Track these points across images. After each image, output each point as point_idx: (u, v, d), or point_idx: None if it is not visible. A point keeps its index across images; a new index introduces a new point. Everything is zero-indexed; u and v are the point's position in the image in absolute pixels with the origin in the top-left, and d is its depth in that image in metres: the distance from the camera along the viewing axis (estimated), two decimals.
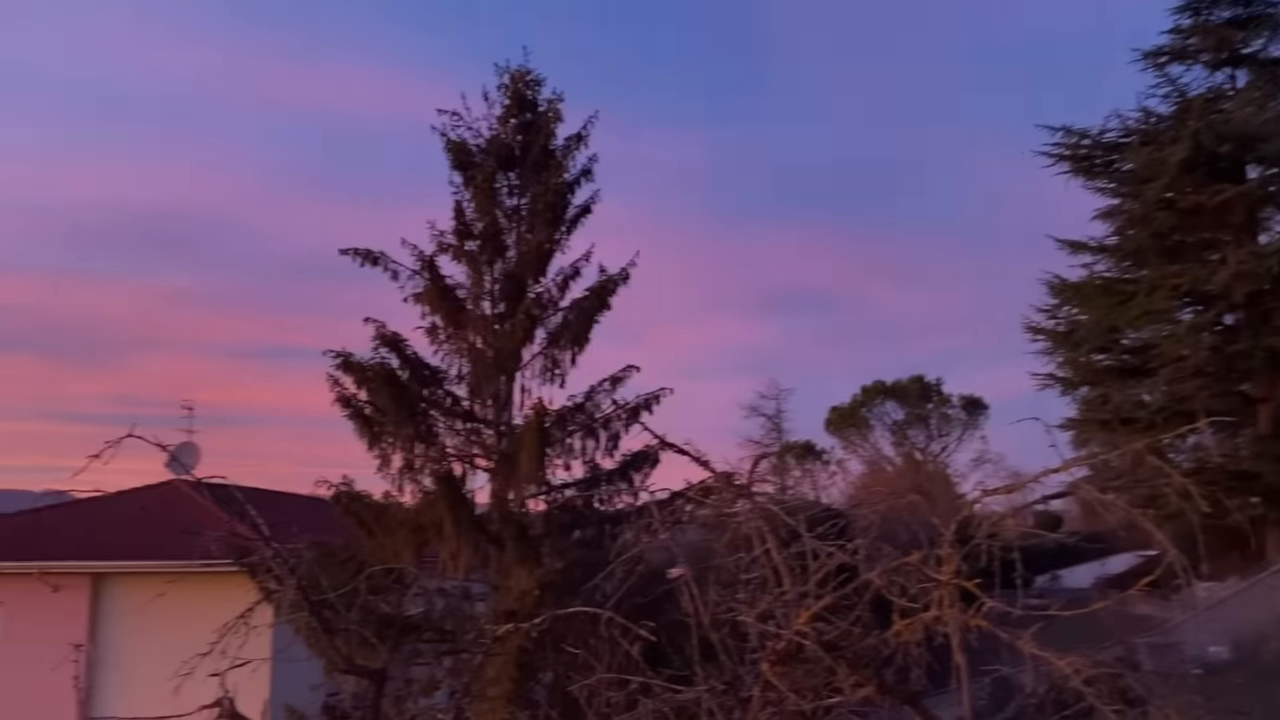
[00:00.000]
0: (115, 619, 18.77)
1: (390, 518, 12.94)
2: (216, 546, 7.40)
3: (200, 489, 5.84)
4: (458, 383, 13.81)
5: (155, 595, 7.97)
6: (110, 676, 18.45)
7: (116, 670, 18.48)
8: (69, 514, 21.33)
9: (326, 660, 9.57)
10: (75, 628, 18.53)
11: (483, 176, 13.59)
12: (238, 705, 5.59)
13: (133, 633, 18.60)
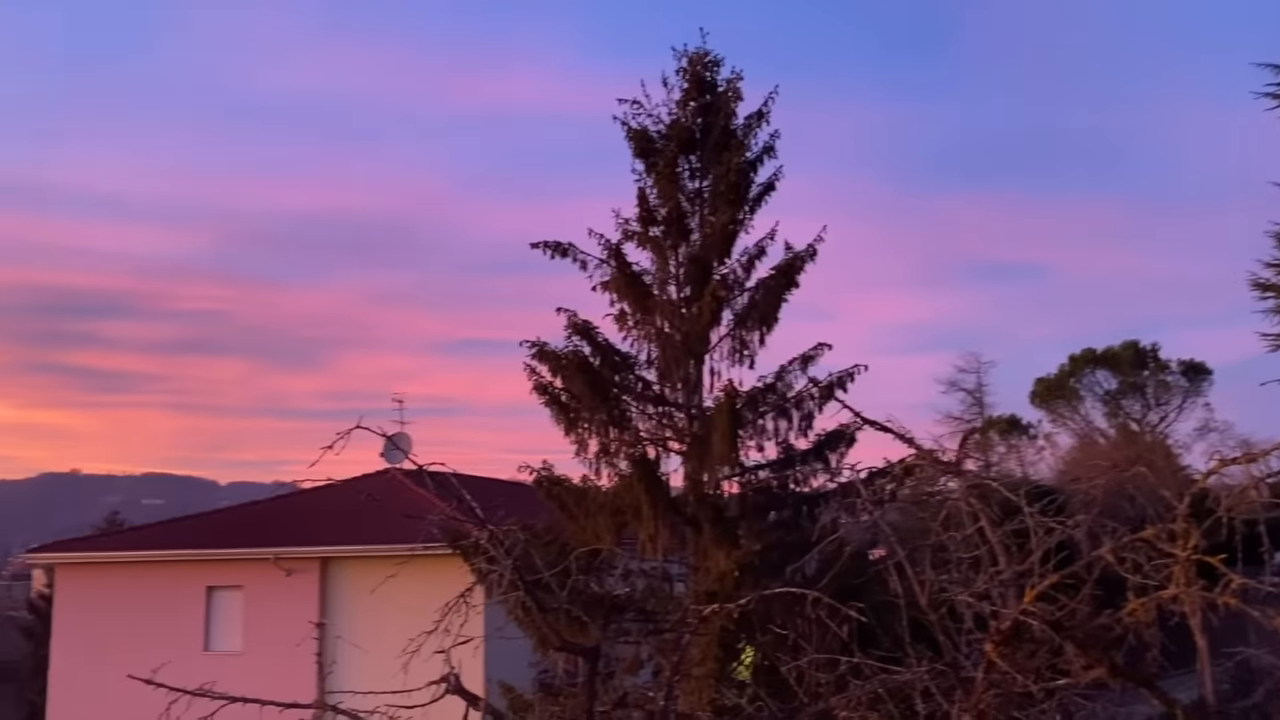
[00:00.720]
0: (343, 600, 20.05)
1: (590, 501, 13.24)
2: (436, 531, 7.74)
3: (423, 476, 6.10)
4: (647, 367, 13.98)
5: (387, 576, 8.43)
6: (340, 654, 19.73)
7: (344, 649, 19.76)
8: (297, 503, 22.97)
9: (538, 638, 9.91)
10: (307, 608, 19.90)
11: (664, 162, 13.66)
12: (462, 681, 5.84)
13: (359, 613, 19.84)
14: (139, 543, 22.68)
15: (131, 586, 21.44)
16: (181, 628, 20.67)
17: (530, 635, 10.31)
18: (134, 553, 21.91)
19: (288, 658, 19.16)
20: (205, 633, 20.69)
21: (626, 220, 14.02)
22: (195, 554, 21.00)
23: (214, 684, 5.76)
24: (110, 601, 21.60)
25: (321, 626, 6.15)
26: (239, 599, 20.63)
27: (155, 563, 21.36)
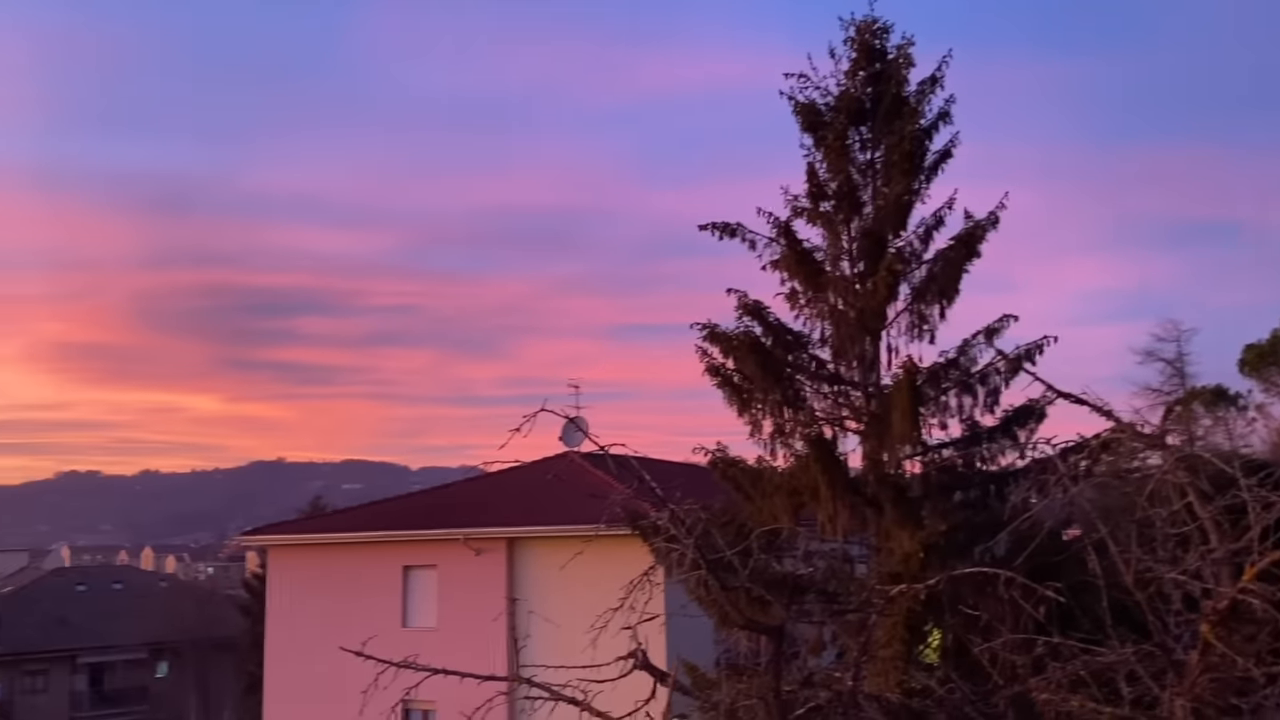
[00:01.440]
0: (529, 578, 20.72)
1: (766, 482, 13.18)
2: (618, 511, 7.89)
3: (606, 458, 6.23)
4: (821, 346, 13.77)
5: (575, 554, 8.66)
6: (530, 629, 20.42)
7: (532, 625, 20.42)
8: (485, 486, 23.87)
9: (719, 618, 9.96)
10: (496, 587, 20.69)
11: (833, 135, 13.39)
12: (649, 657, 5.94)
13: (545, 591, 20.48)
14: (341, 525, 24.11)
15: (335, 566, 22.82)
16: (381, 605, 21.86)
17: (711, 614, 10.37)
18: (337, 535, 23.32)
19: (479, 633, 20.03)
20: (403, 609, 21.80)
21: (795, 197, 13.84)
22: (392, 535, 22.15)
23: (417, 657, 6.05)
24: (317, 580, 23.05)
25: (514, 603, 6.35)
26: (433, 578, 21.63)
27: (356, 544, 22.66)
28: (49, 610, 54.49)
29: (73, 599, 56.99)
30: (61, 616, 53.82)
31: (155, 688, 52.16)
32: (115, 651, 52.15)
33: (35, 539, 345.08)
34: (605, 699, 7.03)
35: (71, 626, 53.00)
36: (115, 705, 51.87)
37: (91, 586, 60.03)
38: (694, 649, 13.02)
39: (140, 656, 52.41)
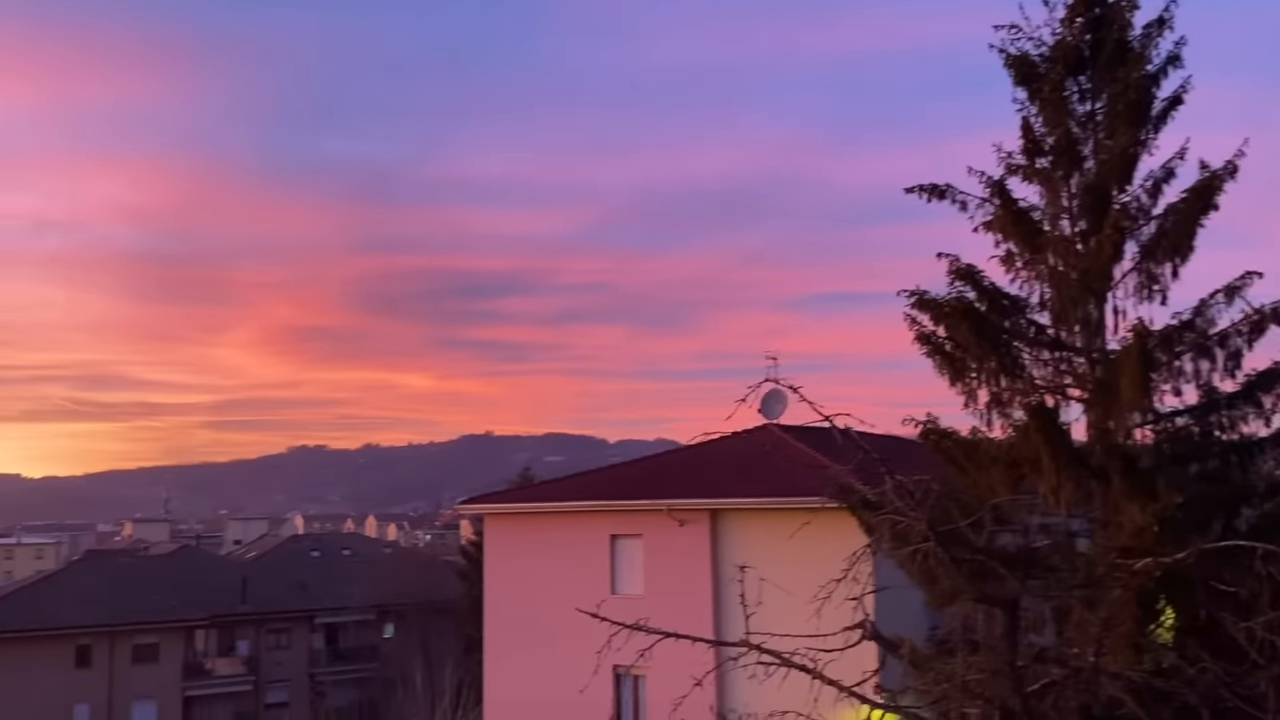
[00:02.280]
0: (733, 549, 20.87)
1: (981, 453, 12.73)
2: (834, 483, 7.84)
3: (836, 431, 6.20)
4: (1039, 310, 13.14)
5: (801, 524, 8.69)
6: (732, 602, 20.60)
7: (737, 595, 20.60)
8: (687, 457, 24.17)
9: (939, 592, 9.73)
10: (700, 557, 20.97)
11: (1050, 86, 12.70)
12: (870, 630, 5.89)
13: (749, 562, 20.57)
14: (552, 495, 25.03)
15: (547, 534, 23.73)
16: (590, 572, 22.57)
17: (925, 588, 10.15)
18: (548, 504, 24.22)
19: (684, 602, 20.37)
20: (611, 577, 22.41)
21: (1009, 154, 13.23)
22: (600, 505, 22.80)
23: (648, 620, 6.21)
24: (530, 547, 24.04)
25: (743, 570, 6.44)
26: (639, 547, 22.14)
27: (566, 513, 23.47)
28: (288, 574, 59.27)
29: (309, 564, 61.75)
30: (300, 580, 58.43)
31: (383, 647, 55.90)
32: (347, 613, 56.22)
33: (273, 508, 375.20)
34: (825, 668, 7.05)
35: (309, 590, 57.47)
36: (349, 662, 55.95)
37: (324, 553, 64.85)
38: (899, 624, 12.80)
39: (369, 618, 56.28)
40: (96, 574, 56.88)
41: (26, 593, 55.58)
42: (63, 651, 49.43)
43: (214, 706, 52.66)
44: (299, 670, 55.17)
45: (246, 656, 54.53)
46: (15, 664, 48.33)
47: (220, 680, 53.32)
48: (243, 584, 56.48)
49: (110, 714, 49.65)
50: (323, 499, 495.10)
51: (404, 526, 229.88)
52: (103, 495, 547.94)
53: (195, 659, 53.42)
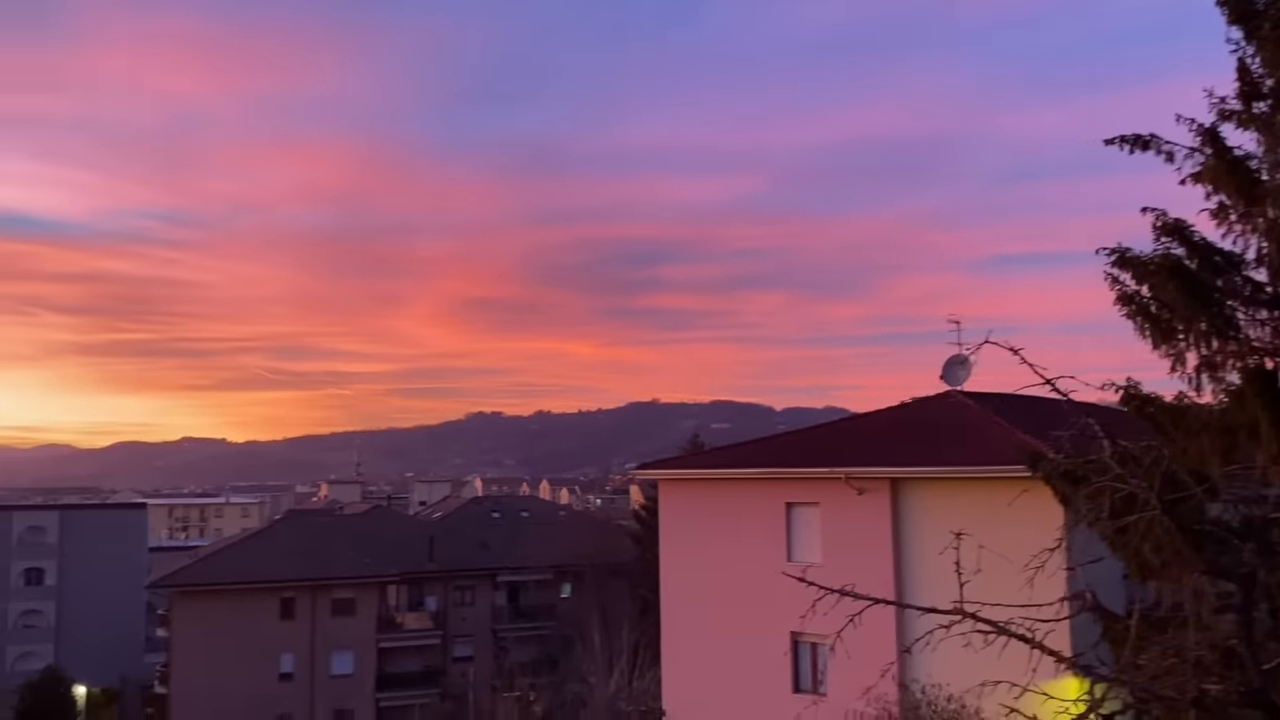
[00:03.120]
0: (914, 519, 20.44)
1: (1190, 420, 11.92)
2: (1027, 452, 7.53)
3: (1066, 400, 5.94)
4: (1256, 266, 12.15)
5: (1020, 492, 8.39)
6: (915, 572, 20.19)
7: (919, 567, 20.16)
8: (866, 425, 23.77)
9: (1142, 564, 9.23)
10: (879, 526, 20.62)
11: (1271, 23, 11.66)
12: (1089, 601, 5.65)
13: (928, 532, 20.13)
14: (727, 461, 25.11)
15: (721, 500, 23.85)
16: (766, 539, 22.57)
17: (1126, 560, 9.65)
18: (724, 470, 24.31)
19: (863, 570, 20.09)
20: (787, 544, 22.33)
21: (1222, 99, 12.23)
22: (776, 473, 22.71)
23: (854, 586, 6.16)
24: (704, 512, 24.23)
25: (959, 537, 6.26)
26: (816, 515, 21.95)
27: (741, 480, 23.50)
28: (471, 535, 61.88)
29: (489, 525, 64.27)
30: (482, 540, 60.92)
31: (561, 606, 57.71)
32: (526, 572, 58.27)
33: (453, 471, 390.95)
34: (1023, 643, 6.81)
35: (490, 549, 59.87)
36: (529, 620, 58.07)
37: (504, 514, 67.33)
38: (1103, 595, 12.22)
39: (548, 578, 58.17)
40: (298, 532, 60.96)
41: (237, 549, 60.16)
42: (269, 603, 53.31)
43: (405, 657, 55.72)
44: (483, 626, 57.65)
45: (434, 612, 57.36)
46: (230, 614, 52.49)
47: (410, 634, 56.32)
48: (430, 543, 59.33)
49: (313, 662, 53.27)
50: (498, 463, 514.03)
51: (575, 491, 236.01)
52: (299, 459, 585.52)
53: (387, 613, 56.58)
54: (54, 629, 75.97)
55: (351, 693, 53.08)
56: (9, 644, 74.74)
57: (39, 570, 77.01)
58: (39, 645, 74.80)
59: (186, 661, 51.91)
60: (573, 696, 41.72)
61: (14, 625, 75.51)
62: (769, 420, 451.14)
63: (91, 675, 72.60)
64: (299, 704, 52.11)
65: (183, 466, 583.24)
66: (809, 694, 21.64)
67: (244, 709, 50.73)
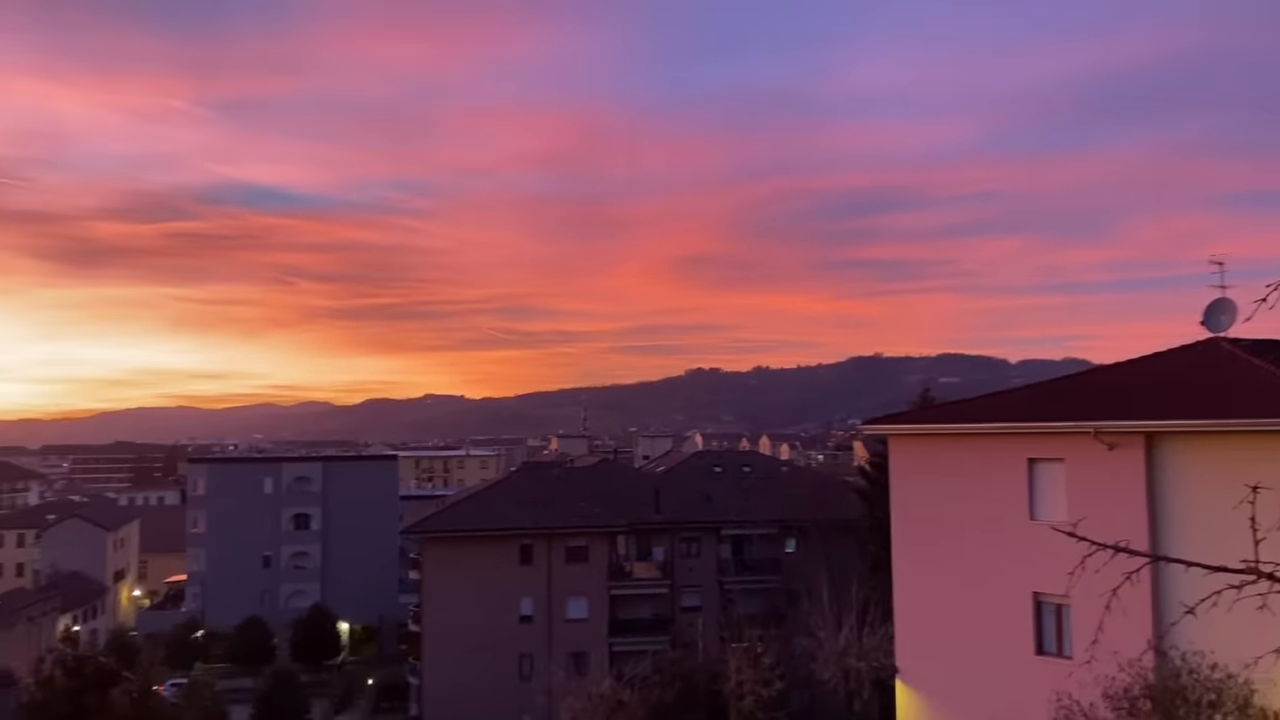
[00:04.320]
0: (1172, 476, 19.07)
1: None
2: None
3: None
4: None
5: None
6: (1173, 531, 18.88)
7: (1179, 526, 18.84)
8: (1117, 376, 22.33)
9: None
10: (1132, 484, 19.37)
11: None
12: None
13: (1189, 491, 18.74)
14: (963, 416, 24.21)
15: (957, 456, 23.05)
16: (1005, 496, 21.67)
17: None
18: (959, 425, 23.48)
19: (1115, 529, 18.97)
20: (1029, 502, 21.37)
21: None
22: (1016, 427, 21.72)
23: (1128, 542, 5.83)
24: (939, 469, 23.51)
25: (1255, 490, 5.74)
26: (1060, 471, 20.86)
27: (979, 435, 22.63)
28: (695, 488, 62.95)
29: (712, 478, 65.14)
30: (706, 493, 61.88)
31: (786, 561, 57.91)
32: (750, 526, 58.80)
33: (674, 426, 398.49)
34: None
35: (714, 503, 60.74)
36: (753, 573, 58.64)
37: (726, 469, 68.02)
38: None
39: (771, 532, 58.47)
40: (533, 483, 63.99)
41: (479, 498, 63.86)
42: (509, 550, 56.40)
43: (635, 605, 57.64)
44: (709, 577, 58.72)
45: (661, 562, 58.92)
46: (474, 559, 55.97)
47: (639, 582, 58.17)
48: (655, 495, 60.84)
49: (550, 606, 56.03)
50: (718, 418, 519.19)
51: (796, 446, 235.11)
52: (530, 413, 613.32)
53: (617, 562, 58.63)
54: (319, 570, 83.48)
55: (586, 637, 55.49)
56: (283, 582, 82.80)
57: (306, 516, 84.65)
58: (307, 584, 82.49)
59: (436, 602, 55.84)
60: (801, 650, 41.86)
61: (286, 566, 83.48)
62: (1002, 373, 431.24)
63: (352, 613, 79.49)
64: (538, 645, 55.01)
65: (426, 421, 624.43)
66: (1053, 656, 20.76)
67: (489, 648, 54.13)
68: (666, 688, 43.60)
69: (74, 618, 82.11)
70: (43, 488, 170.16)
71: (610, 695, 41.85)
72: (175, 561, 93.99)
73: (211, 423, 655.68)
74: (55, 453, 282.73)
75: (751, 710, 41.62)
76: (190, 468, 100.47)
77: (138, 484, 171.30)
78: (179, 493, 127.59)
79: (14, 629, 68.66)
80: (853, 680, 40.80)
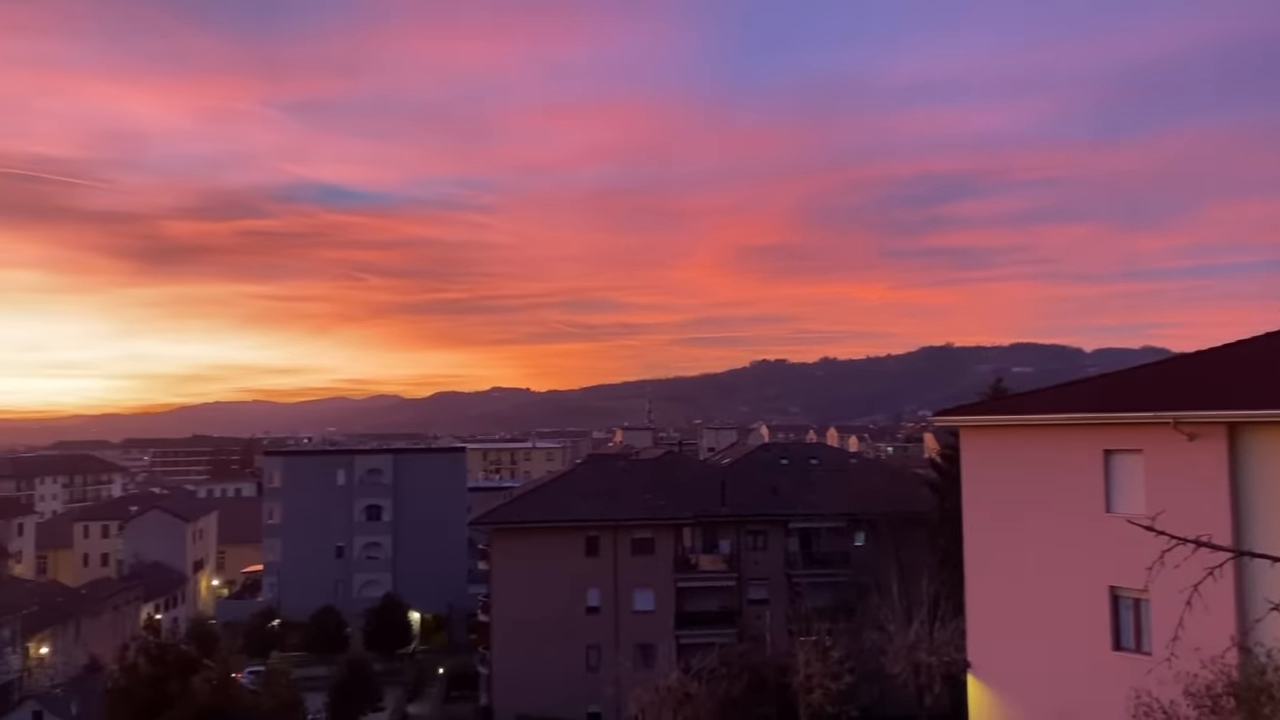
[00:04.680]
0: (1256, 469, 18.45)
1: None
2: None
3: None
4: None
5: None
6: (1260, 525, 18.28)
7: (1266, 520, 18.24)
8: (1198, 365, 21.66)
9: None
10: (1214, 475, 18.78)
11: None
12: None
13: (1277, 482, 18.12)
14: (1036, 406, 23.67)
15: (1031, 447, 22.56)
16: (1080, 488, 21.17)
17: None
18: (1033, 416, 22.97)
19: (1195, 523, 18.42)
20: (1105, 494, 20.85)
21: None
22: (1095, 418, 21.17)
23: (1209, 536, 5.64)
24: (1011, 460, 23.04)
25: None
26: (1139, 463, 20.31)
27: (1053, 426, 22.12)
28: (761, 480, 62.64)
29: (778, 471, 64.75)
30: (772, 486, 61.54)
31: (854, 554, 57.34)
32: (818, 519, 58.30)
33: (739, 418, 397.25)
34: None
35: (781, 495, 60.38)
36: (822, 566, 58.19)
37: (792, 461, 67.55)
38: None
39: (839, 525, 57.92)
40: (598, 475, 64.25)
41: (545, 490, 64.34)
42: (576, 541, 56.76)
43: (701, 598, 57.59)
44: (776, 570, 58.42)
45: (727, 555, 58.78)
46: (541, 550, 56.45)
47: (705, 575, 58.10)
48: (721, 488, 60.68)
49: (616, 598, 56.27)
50: (783, 410, 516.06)
51: (865, 438, 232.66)
52: (595, 405, 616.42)
53: (683, 554, 58.64)
54: (391, 560, 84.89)
55: (653, 629, 55.60)
56: (355, 572, 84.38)
57: (377, 507, 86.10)
58: (379, 574, 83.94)
59: (504, 593, 56.45)
60: (870, 644, 41.47)
61: (358, 556, 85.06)
62: (1076, 363, 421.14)
63: (423, 602, 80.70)
64: (605, 636, 55.30)
65: (493, 414, 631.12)
66: (1131, 652, 20.24)
67: (556, 639, 54.56)
68: (734, 681, 43.51)
69: (156, 606, 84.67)
70: (125, 480, 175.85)
71: (678, 687, 41.90)
72: (252, 552, 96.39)
73: (286, 416, 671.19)
74: (136, 446, 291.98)
75: (820, 704, 41.35)
76: (266, 460, 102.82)
77: (215, 476, 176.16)
78: (255, 485, 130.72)
79: (100, 617, 71.07)
80: (923, 675, 40.33)
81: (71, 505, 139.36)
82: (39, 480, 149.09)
